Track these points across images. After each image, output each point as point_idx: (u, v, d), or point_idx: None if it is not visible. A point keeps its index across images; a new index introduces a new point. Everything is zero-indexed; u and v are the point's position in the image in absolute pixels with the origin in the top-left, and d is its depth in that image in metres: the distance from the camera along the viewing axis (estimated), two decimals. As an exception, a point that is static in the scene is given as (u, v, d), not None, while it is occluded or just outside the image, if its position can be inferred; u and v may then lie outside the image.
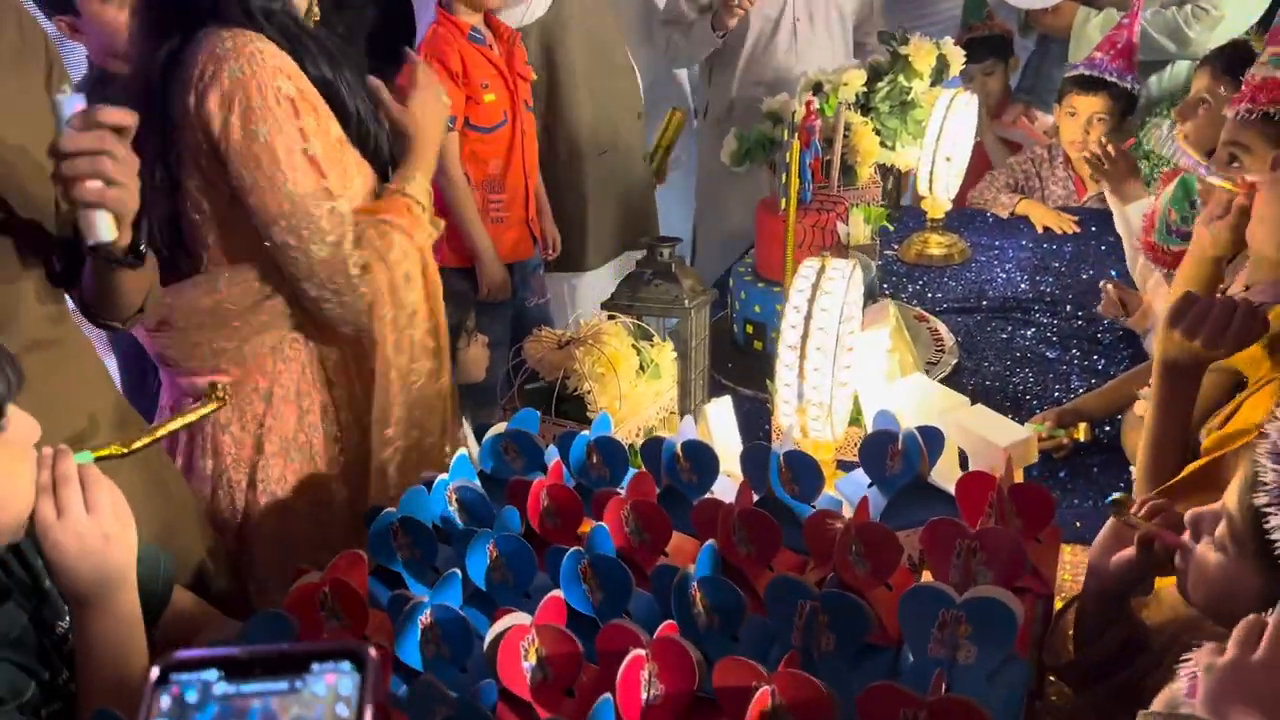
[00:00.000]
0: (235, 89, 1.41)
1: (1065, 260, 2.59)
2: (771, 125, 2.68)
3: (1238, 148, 1.57)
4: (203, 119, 1.42)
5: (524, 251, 2.39)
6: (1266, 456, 0.89)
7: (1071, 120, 2.74)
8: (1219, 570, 0.96)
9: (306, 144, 1.45)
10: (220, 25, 1.45)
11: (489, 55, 2.24)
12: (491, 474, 1.41)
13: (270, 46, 1.45)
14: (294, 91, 1.45)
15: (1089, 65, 2.65)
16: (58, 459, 1.00)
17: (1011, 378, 2.08)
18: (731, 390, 2.08)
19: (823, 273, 1.45)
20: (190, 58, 1.44)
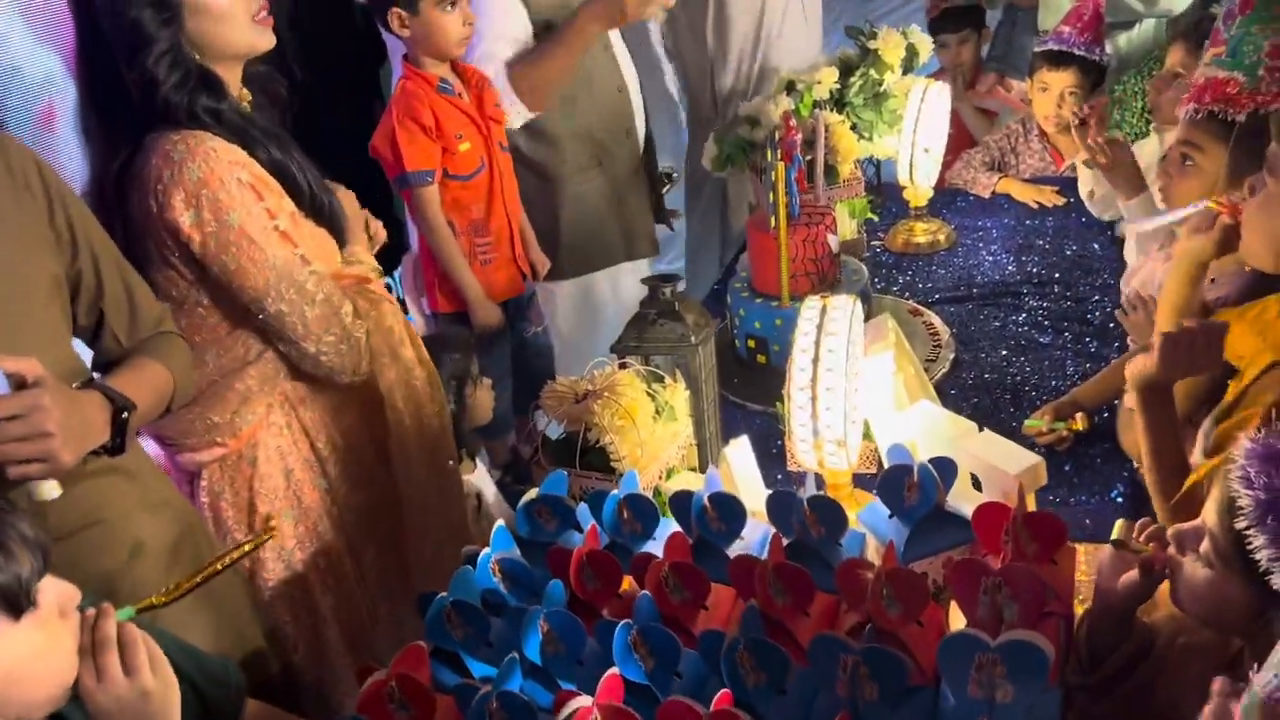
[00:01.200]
0: (199, 187, 1.49)
1: (1049, 236, 2.65)
2: (750, 128, 2.72)
3: (1190, 147, 1.64)
4: (169, 221, 1.50)
5: (516, 288, 2.44)
6: (1239, 482, 0.94)
7: (1044, 95, 2.79)
8: (1208, 585, 1.02)
9: (275, 220, 1.55)
10: (169, 129, 1.51)
11: (460, 105, 2.27)
12: (529, 539, 1.47)
13: (220, 142, 1.53)
14: (251, 178, 1.54)
15: (1058, 40, 2.69)
16: (99, 621, 1.04)
17: (1009, 368, 2.15)
18: (740, 407, 2.15)
19: (825, 314, 1.51)
20: (144, 164, 1.51)
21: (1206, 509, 1.04)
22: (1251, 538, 0.94)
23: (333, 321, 1.59)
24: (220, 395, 1.63)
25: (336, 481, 1.73)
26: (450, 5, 2.20)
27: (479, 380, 2.06)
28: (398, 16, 2.19)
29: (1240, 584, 0.99)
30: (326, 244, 1.68)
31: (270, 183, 1.57)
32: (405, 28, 2.20)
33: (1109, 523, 1.59)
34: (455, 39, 2.22)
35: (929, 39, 2.79)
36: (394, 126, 2.18)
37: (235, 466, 1.67)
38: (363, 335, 1.63)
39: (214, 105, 1.53)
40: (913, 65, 2.78)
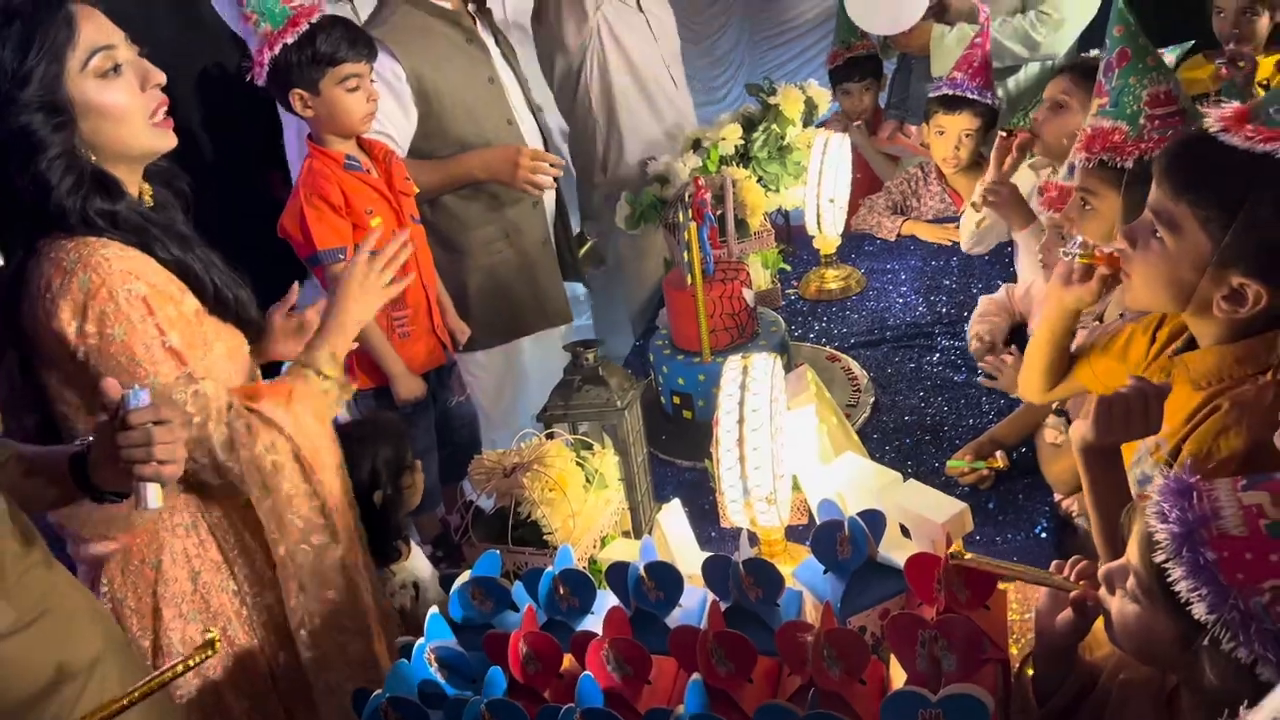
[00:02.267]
0: (86, 298, 1.43)
1: (955, 276, 2.73)
2: (660, 186, 2.76)
3: (1087, 193, 1.71)
4: (55, 330, 1.44)
5: (437, 359, 2.41)
6: (1155, 517, 0.97)
7: (941, 139, 2.88)
8: (1137, 620, 1.04)
9: (164, 337, 1.48)
10: (63, 235, 1.45)
11: (368, 180, 2.25)
12: (464, 623, 1.44)
13: (115, 249, 1.47)
14: (145, 289, 1.47)
15: (951, 85, 2.79)
16: None
17: (927, 409, 2.20)
18: (669, 464, 2.15)
19: (747, 373, 1.52)
20: (35, 271, 1.45)
21: (1129, 546, 1.07)
22: (1170, 570, 0.97)
23: (202, 449, 1.51)
24: None
25: (245, 583, 1.65)
26: (353, 84, 2.19)
27: (414, 465, 2.01)
28: (300, 97, 2.18)
29: (1166, 617, 1.02)
30: (233, 340, 1.62)
31: (167, 292, 1.50)
32: (309, 108, 2.18)
33: (1036, 558, 1.64)
34: (359, 115, 2.21)
35: (827, 92, 2.88)
36: (302, 206, 2.15)
37: (138, 571, 1.60)
38: (235, 466, 1.55)
39: (109, 208, 1.47)
40: (812, 118, 2.86)
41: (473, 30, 2.63)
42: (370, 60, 2.24)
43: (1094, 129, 1.62)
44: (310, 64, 2.15)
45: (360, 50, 2.20)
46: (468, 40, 2.61)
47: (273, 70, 2.15)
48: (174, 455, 1.31)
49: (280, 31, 2.14)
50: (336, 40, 2.17)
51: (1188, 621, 0.98)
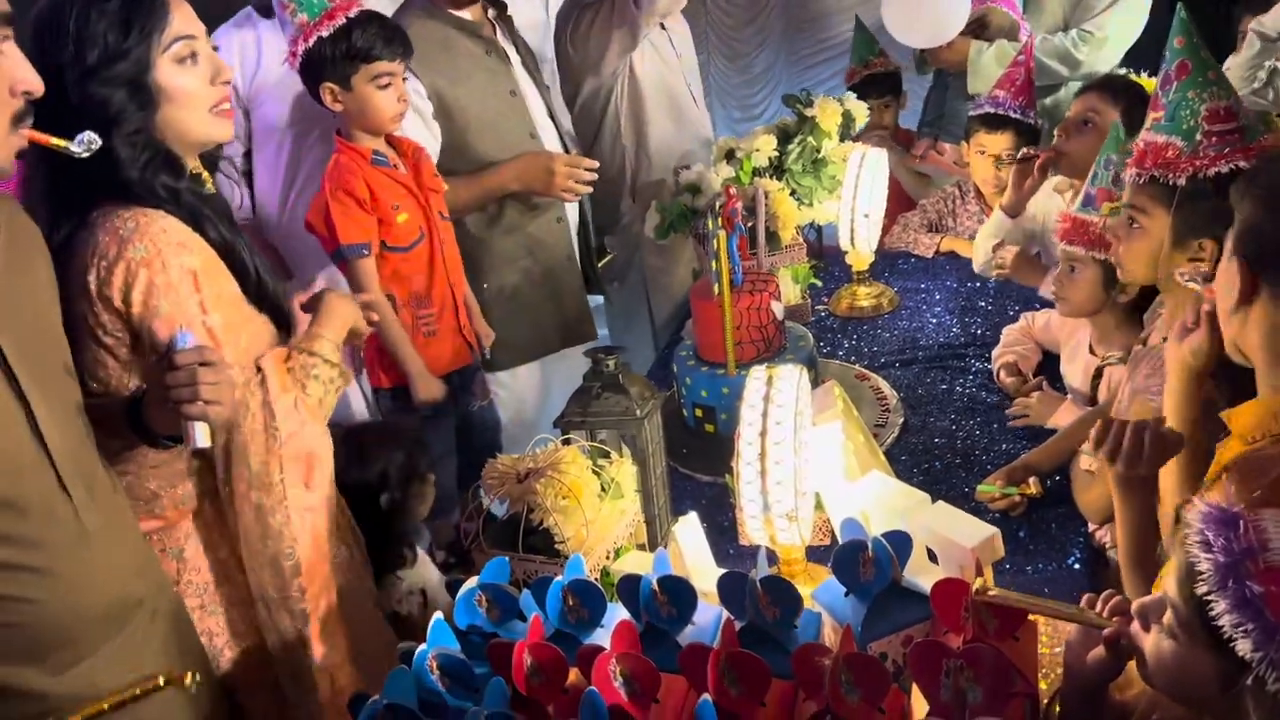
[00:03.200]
0: (139, 267, 1.46)
1: (990, 298, 2.66)
2: (691, 196, 2.71)
3: (1136, 210, 1.65)
4: (106, 295, 1.46)
5: (462, 359, 2.37)
6: (1198, 546, 0.92)
7: (982, 159, 2.82)
8: (1174, 657, 0.98)
9: (206, 316, 1.50)
10: (120, 205, 1.48)
11: (396, 176, 2.22)
12: (469, 631, 1.39)
13: (172, 222, 1.50)
14: (197, 264, 1.50)
15: (993, 104, 2.73)
16: None
17: (958, 431, 2.13)
18: (689, 478, 2.10)
19: (771, 384, 1.47)
20: (90, 238, 1.47)
21: (1166, 579, 1.01)
22: (1213, 604, 0.91)
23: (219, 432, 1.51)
24: (161, 466, 1.55)
25: None
26: (385, 81, 2.16)
27: (425, 476, 1.96)
28: (330, 91, 2.15)
29: (1206, 655, 0.96)
30: (263, 333, 1.62)
31: (215, 272, 1.52)
32: (338, 102, 2.16)
33: (1067, 590, 1.58)
34: (389, 115, 2.18)
35: (864, 106, 2.82)
36: (327, 201, 2.12)
37: (162, 560, 1.58)
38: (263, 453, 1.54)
39: (173, 184, 1.51)
40: (849, 131, 2.81)
41: (493, 40, 2.58)
42: (405, 59, 2.22)
43: (1147, 143, 1.56)
44: (344, 59, 2.13)
45: (395, 49, 2.18)
46: (487, 52, 2.56)
47: (305, 62, 2.13)
48: (220, 396, 1.35)
49: (316, 23, 2.12)
50: (372, 37, 2.14)
51: (1230, 659, 0.92)
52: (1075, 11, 3.10)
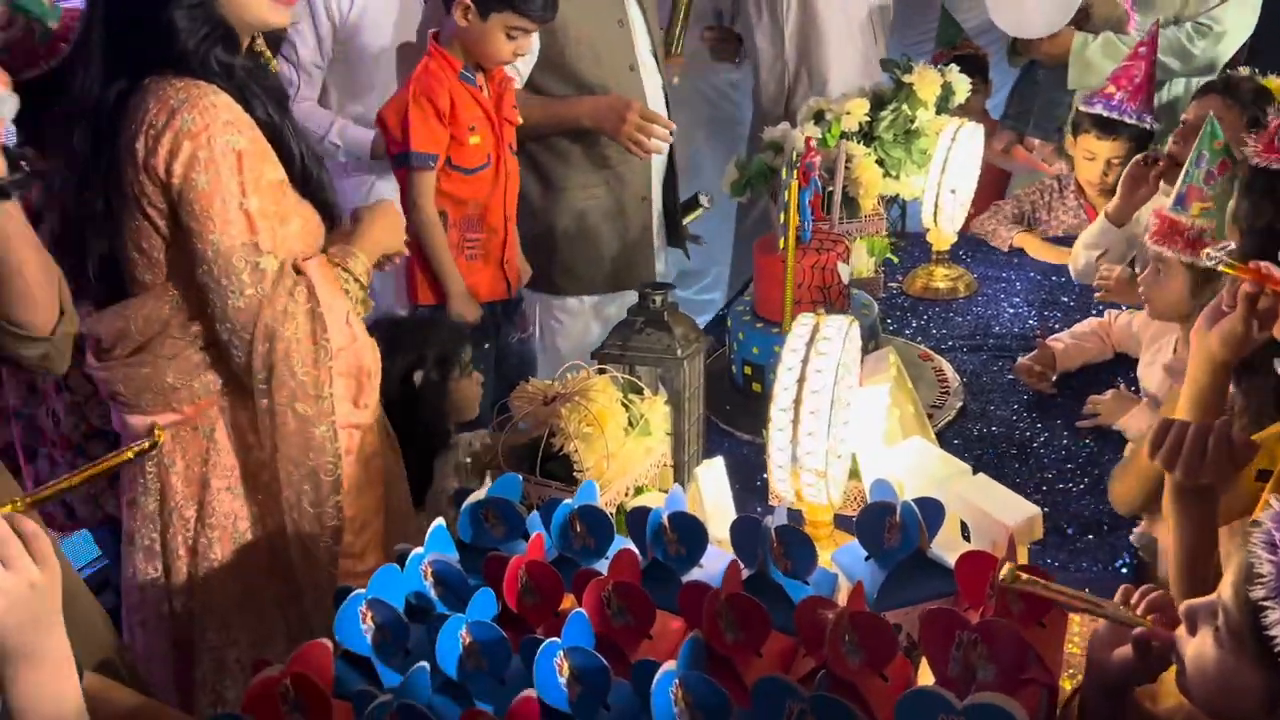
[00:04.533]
0: (184, 138, 1.43)
1: (1073, 293, 2.52)
2: (773, 155, 2.62)
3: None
4: (151, 165, 1.45)
5: (498, 292, 2.34)
6: (1262, 546, 0.84)
7: (1090, 163, 2.66)
8: (1217, 667, 0.90)
9: (244, 199, 1.47)
10: (174, 74, 1.46)
11: (478, 97, 2.19)
12: (471, 543, 1.34)
13: (224, 98, 1.47)
14: (244, 144, 1.47)
15: (1108, 106, 2.55)
16: None
17: (1018, 422, 2.01)
18: (728, 435, 2.02)
19: (818, 330, 1.39)
20: (141, 105, 1.46)
21: (1224, 578, 0.91)
22: (1268, 612, 0.82)
23: (249, 322, 1.48)
24: (178, 356, 1.54)
25: None
26: (516, 34, 2.13)
27: (467, 369, 1.93)
28: (464, 8, 2.11)
29: (1252, 669, 0.87)
30: (310, 219, 1.59)
31: (260, 152, 1.49)
32: (466, 20, 2.12)
33: (1111, 595, 1.46)
34: (498, 59, 2.15)
35: (967, 80, 2.68)
36: (408, 102, 2.09)
37: (190, 438, 1.57)
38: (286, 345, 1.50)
39: (227, 59, 1.49)
40: (947, 105, 2.67)
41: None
42: (545, 22, 2.18)
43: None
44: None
45: (546, 13, 2.15)
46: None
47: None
48: None
49: None
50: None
51: (1275, 674, 0.84)
52: (1190, 4, 2.91)
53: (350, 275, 1.57)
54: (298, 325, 1.49)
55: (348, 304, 1.55)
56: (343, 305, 1.53)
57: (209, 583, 1.60)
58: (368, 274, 1.61)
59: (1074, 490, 1.77)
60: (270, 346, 1.48)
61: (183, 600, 1.62)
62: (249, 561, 1.62)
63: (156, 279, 1.53)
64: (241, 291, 1.47)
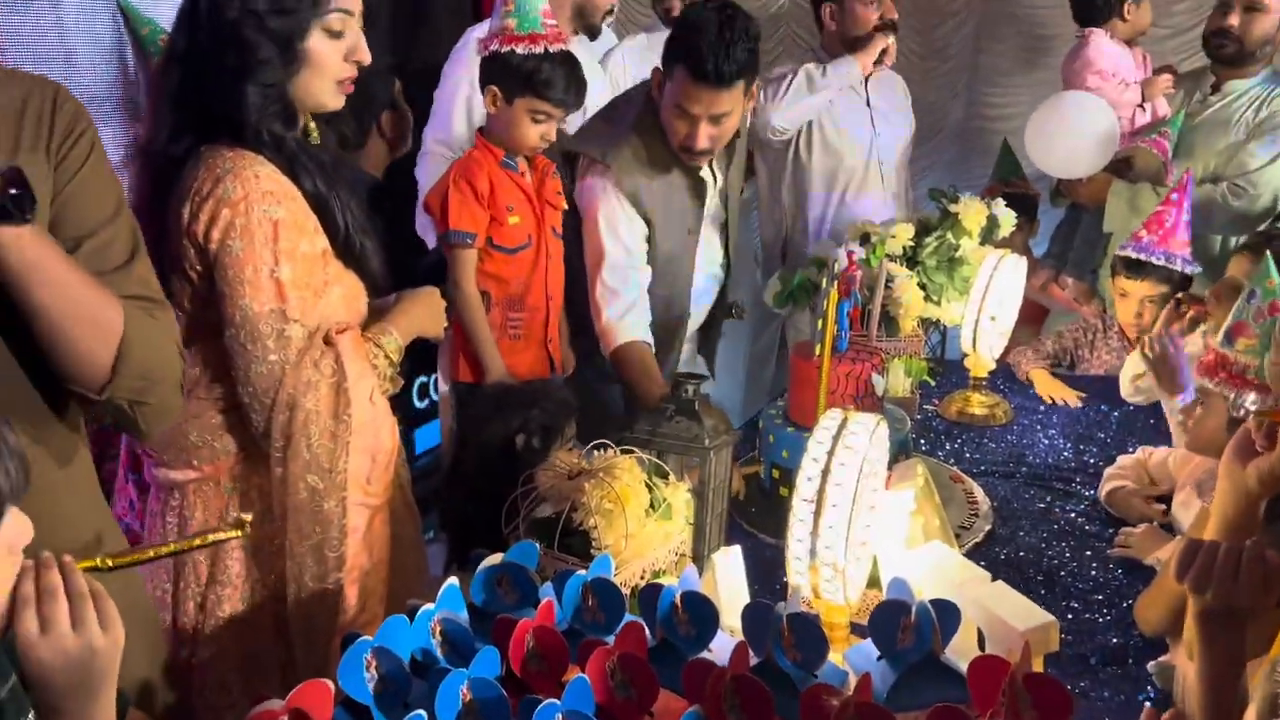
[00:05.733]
0: (224, 205, 1.48)
1: (1111, 431, 2.50)
2: (816, 270, 2.67)
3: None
4: (193, 230, 1.50)
5: (540, 372, 2.37)
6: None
7: (1123, 301, 2.69)
8: None
9: (276, 267, 1.50)
10: (228, 143, 1.51)
11: (518, 180, 2.27)
12: (482, 607, 1.34)
13: (268, 169, 1.51)
14: (281, 214, 1.50)
15: (1137, 248, 2.60)
16: (42, 570, 0.98)
17: (1047, 550, 1.98)
18: (752, 536, 2.01)
19: (845, 425, 1.40)
20: (192, 171, 1.51)
21: (1249, 710, 0.89)
22: None
23: (269, 388, 1.50)
24: (202, 416, 1.57)
25: None
26: (540, 118, 2.22)
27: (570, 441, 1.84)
28: (493, 95, 2.23)
29: None
30: (352, 287, 1.63)
31: (298, 223, 1.53)
32: (494, 107, 2.23)
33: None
34: (528, 143, 2.24)
35: (1012, 215, 2.74)
36: (449, 186, 2.19)
37: (213, 491, 1.59)
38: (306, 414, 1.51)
39: (280, 133, 1.54)
40: (992, 236, 2.72)
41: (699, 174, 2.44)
42: (571, 112, 2.28)
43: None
44: (520, 79, 2.19)
45: (567, 100, 2.23)
46: (691, 187, 2.43)
47: (490, 58, 2.21)
48: None
49: (519, 36, 2.19)
50: (554, 79, 2.19)
51: None
52: (1229, 164, 2.97)
53: (381, 351, 1.61)
54: (319, 397, 1.51)
55: (374, 380, 1.58)
56: (369, 382, 1.56)
57: (213, 641, 1.60)
58: (399, 352, 1.64)
59: (1100, 621, 1.73)
60: (290, 415, 1.50)
61: (186, 654, 1.61)
62: (254, 624, 1.61)
63: (189, 339, 1.55)
64: (265, 357, 1.50)
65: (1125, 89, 3.29)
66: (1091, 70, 3.32)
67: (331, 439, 1.51)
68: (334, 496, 1.51)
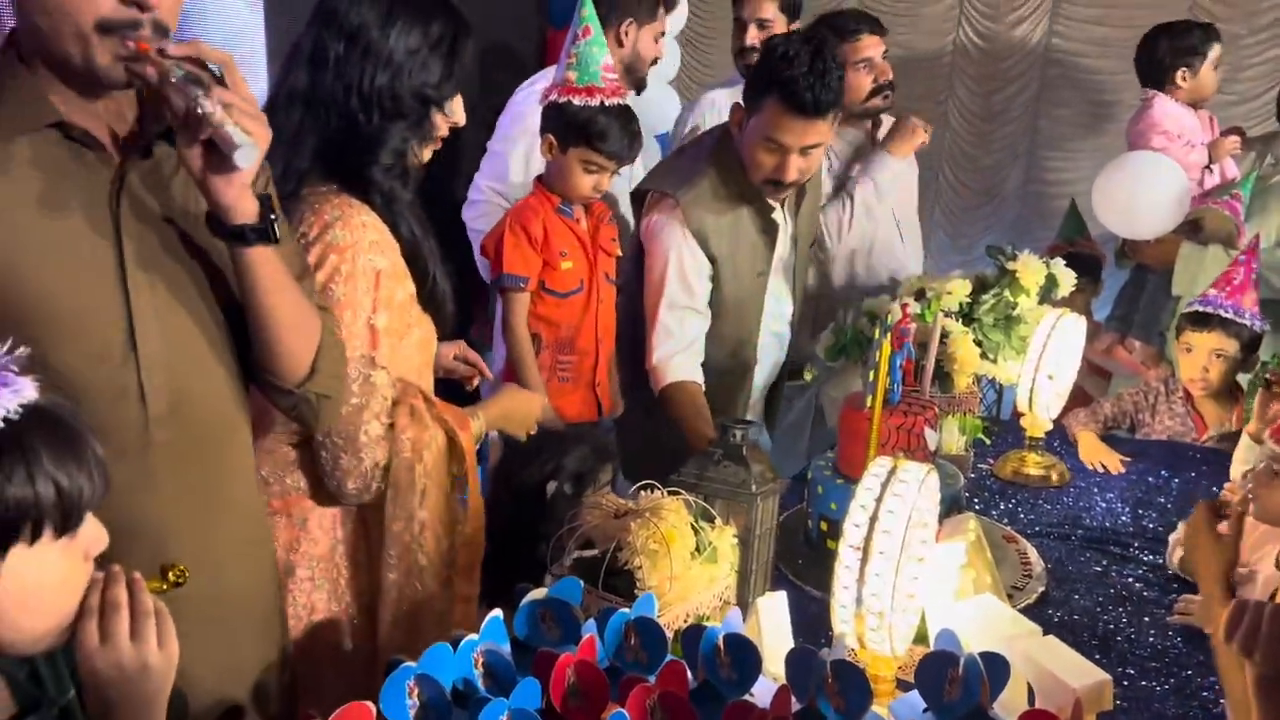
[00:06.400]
0: (331, 251, 1.52)
1: (1172, 497, 2.44)
2: (869, 323, 2.66)
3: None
4: None
5: (588, 414, 2.40)
6: None
7: (1189, 357, 2.64)
8: None
9: (373, 315, 1.55)
10: (337, 189, 1.55)
11: (573, 226, 2.33)
12: (525, 641, 1.34)
13: (373, 218, 1.55)
14: (384, 264, 1.55)
15: (1203, 301, 2.57)
16: (109, 583, 1.02)
17: (1103, 614, 1.92)
18: (798, 588, 1.98)
19: (894, 473, 1.39)
20: (296, 213, 1.54)
21: None
22: None
23: (349, 429, 1.54)
24: (275, 452, 1.62)
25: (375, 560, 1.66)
26: (593, 168, 2.27)
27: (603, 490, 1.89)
28: (550, 143, 2.28)
29: None
30: (428, 331, 1.69)
31: (398, 273, 1.58)
32: (550, 155, 2.29)
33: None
34: (580, 193, 2.30)
35: (1071, 274, 2.71)
36: (504, 231, 2.24)
37: (283, 525, 1.63)
38: (378, 459, 1.58)
39: (390, 184, 1.58)
40: (1050, 296, 2.70)
41: (772, 215, 2.45)
42: (624, 165, 2.33)
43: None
44: (575, 129, 2.25)
45: (620, 154, 2.28)
46: (763, 229, 2.44)
47: (550, 107, 2.27)
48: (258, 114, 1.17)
49: (577, 88, 2.26)
50: (609, 131, 2.24)
51: None
52: None
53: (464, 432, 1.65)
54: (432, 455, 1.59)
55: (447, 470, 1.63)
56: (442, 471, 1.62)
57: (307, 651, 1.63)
58: (479, 439, 1.69)
59: (1157, 689, 1.67)
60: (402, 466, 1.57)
61: None
62: (315, 656, 1.64)
63: None
64: (348, 400, 1.53)
65: (1191, 150, 3.27)
66: (1156, 131, 3.31)
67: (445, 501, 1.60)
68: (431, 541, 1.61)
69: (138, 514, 1.25)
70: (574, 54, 2.28)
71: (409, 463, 1.60)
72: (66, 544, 0.96)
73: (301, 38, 1.58)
